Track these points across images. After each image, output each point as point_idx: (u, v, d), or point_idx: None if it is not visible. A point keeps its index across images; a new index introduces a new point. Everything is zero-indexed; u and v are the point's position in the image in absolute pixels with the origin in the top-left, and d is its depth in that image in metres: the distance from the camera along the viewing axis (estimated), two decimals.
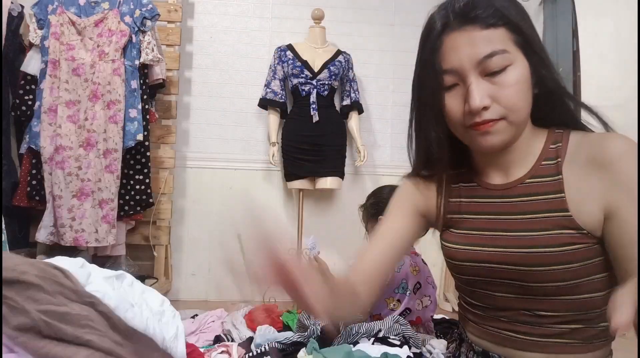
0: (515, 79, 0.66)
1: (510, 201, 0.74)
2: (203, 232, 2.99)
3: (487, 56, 0.65)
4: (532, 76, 0.69)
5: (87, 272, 0.76)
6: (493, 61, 0.65)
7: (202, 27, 3.12)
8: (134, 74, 2.40)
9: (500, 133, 0.68)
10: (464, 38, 0.66)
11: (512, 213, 0.73)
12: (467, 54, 0.66)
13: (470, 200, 0.79)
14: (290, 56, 2.81)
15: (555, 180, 0.70)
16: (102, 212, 2.29)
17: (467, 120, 0.69)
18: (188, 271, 2.99)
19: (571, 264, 0.68)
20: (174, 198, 2.94)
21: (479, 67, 0.66)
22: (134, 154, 2.46)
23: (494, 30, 0.65)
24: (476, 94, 0.66)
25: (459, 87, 0.69)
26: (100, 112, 2.31)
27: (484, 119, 0.67)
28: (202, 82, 3.10)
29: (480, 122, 0.67)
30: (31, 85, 2.38)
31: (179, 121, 3.00)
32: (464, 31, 0.66)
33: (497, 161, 0.76)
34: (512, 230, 0.72)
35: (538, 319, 0.73)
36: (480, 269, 0.76)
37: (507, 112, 0.67)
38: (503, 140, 0.69)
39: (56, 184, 2.25)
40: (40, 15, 2.36)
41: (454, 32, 0.67)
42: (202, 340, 1.69)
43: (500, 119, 0.67)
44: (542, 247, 0.68)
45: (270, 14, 3.16)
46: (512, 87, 0.66)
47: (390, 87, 3.18)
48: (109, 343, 0.59)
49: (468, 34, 0.66)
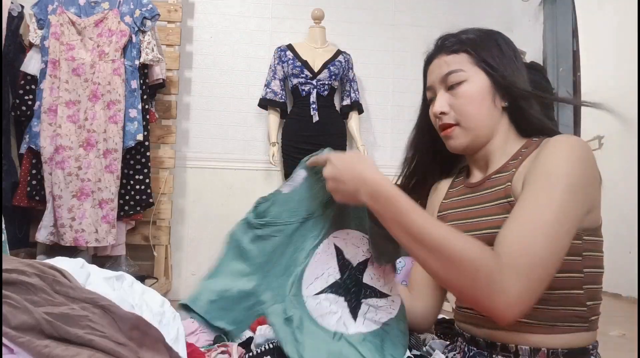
0: (468, 92, 0.82)
1: (478, 194, 0.85)
2: (203, 232, 2.99)
3: (447, 74, 0.83)
4: (495, 90, 0.83)
5: (87, 273, 0.76)
6: (451, 77, 0.83)
7: (202, 27, 3.12)
8: (134, 74, 2.40)
9: (457, 137, 0.84)
10: (436, 63, 0.87)
11: (478, 203, 0.84)
12: (436, 74, 0.86)
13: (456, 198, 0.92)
14: (290, 56, 2.81)
15: (511, 173, 0.79)
16: (102, 212, 2.29)
17: (436, 125, 0.87)
18: (188, 271, 2.99)
19: None
20: (174, 198, 2.94)
21: (443, 83, 0.84)
22: (134, 154, 2.46)
23: (455, 56, 0.84)
24: (437, 101, 0.84)
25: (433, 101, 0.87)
26: (100, 112, 2.31)
27: (442, 122, 0.84)
28: (202, 82, 3.10)
29: (441, 126, 0.85)
30: (31, 85, 2.38)
31: (179, 121, 3.00)
32: (437, 58, 0.87)
33: (479, 163, 0.89)
34: (476, 217, 0.83)
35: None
36: None
37: (460, 119, 0.83)
38: (461, 143, 0.84)
39: (56, 184, 2.25)
40: (40, 15, 2.36)
41: (434, 60, 0.88)
42: (202, 340, 1.68)
43: (455, 125, 0.83)
44: (489, 229, 0.77)
45: (270, 14, 3.16)
46: (466, 98, 0.82)
47: (390, 87, 3.18)
48: (110, 343, 0.59)
49: (438, 59, 0.86)
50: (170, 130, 2.81)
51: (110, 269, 0.84)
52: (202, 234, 2.99)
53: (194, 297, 0.81)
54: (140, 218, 2.61)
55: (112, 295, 0.68)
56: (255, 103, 2.91)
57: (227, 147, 3.08)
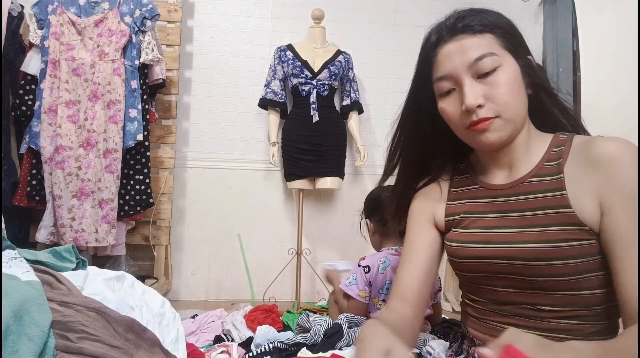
0: (505, 79, 0.72)
1: (511, 200, 0.77)
2: (203, 232, 2.99)
3: (478, 59, 0.71)
4: (523, 77, 0.74)
5: (85, 274, 0.76)
6: (483, 63, 0.71)
7: (202, 27, 3.12)
8: (134, 74, 2.40)
9: (497, 130, 0.73)
10: (456, 47, 0.73)
11: (513, 210, 0.76)
12: (459, 59, 0.73)
13: (472, 201, 0.83)
14: (290, 56, 2.81)
15: (557, 179, 0.72)
16: (102, 212, 2.29)
17: (465, 121, 0.74)
18: (188, 271, 2.99)
19: (571, 259, 0.69)
20: (174, 198, 2.94)
21: (471, 70, 0.72)
22: (134, 154, 2.46)
23: (481, 37, 0.72)
24: (470, 93, 0.71)
25: (455, 92, 0.75)
26: (100, 112, 2.31)
27: (480, 117, 0.72)
28: (202, 82, 3.10)
29: (477, 121, 0.73)
30: (31, 85, 2.38)
31: (179, 121, 3.00)
32: (455, 40, 0.74)
33: (501, 161, 0.79)
34: (513, 226, 0.75)
35: (538, 313, 0.74)
36: (483, 265, 0.78)
37: (501, 110, 0.72)
38: (501, 137, 0.74)
39: (56, 184, 2.25)
40: (40, 15, 2.36)
41: (447, 43, 0.75)
42: (202, 340, 1.69)
43: (495, 117, 0.72)
44: (542, 242, 0.70)
45: (270, 14, 3.16)
46: (504, 86, 0.71)
47: (390, 87, 3.18)
48: (103, 347, 0.58)
49: (459, 42, 0.73)
50: (170, 130, 2.81)
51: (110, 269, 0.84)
52: (202, 234, 2.99)
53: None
54: (140, 218, 2.61)
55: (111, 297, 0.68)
56: (255, 103, 2.91)
57: (227, 147, 3.08)
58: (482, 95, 0.72)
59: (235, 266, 2.98)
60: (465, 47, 0.72)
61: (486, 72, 0.71)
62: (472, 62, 0.71)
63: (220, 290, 2.98)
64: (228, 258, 2.97)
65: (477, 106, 0.72)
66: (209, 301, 2.92)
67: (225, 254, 2.98)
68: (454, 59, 0.73)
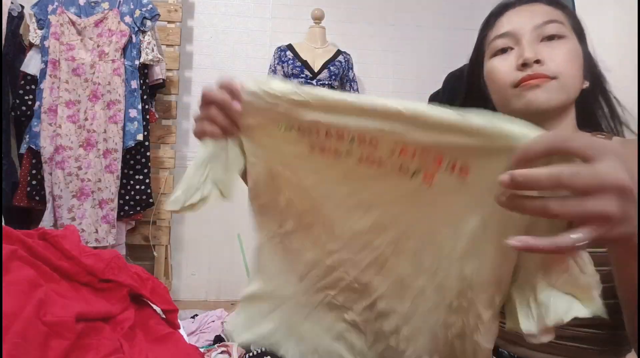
0: (569, 48, 0.68)
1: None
2: (203, 232, 2.99)
3: (546, 22, 0.68)
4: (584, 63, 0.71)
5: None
6: (550, 27, 0.68)
7: (202, 27, 3.11)
8: (134, 74, 2.40)
9: (550, 92, 0.67)
10: (526, 9, 0.71)
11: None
12: (527, 20, 0.69)
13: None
14: (290, 56, 2.81)
15: None
16: (102, 212, 2.29)
17: (516, 76, 0.69)
18: (188, 271, 2.99)
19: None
20: None
21: (535, 32, 0.69)
22: (134, 154, 2.46)
23: (554, 9, 0.71)
24: (530, 48, 0.68)
25: (511, 51, 0.71)
26: (100, 112, 2.31)
27: (536, 72, 0.67)
28: (202, 82, 3.09)
29: (531, 76, 0.67)
30: (31, 85, 2.38)
31: (179, 121, 2.99)
32: (528, 6, 0.71)
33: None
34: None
35: None
36: None
37: (560, 72, 0.67)
38: (550, 100, 0.67)
39: (56, 184, 2.25)
40: (40, 15, 2.36)
41: (517, 8, 0.72)
42: (202, 340, 1.69)
43: (552, 79, 0.67)
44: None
45: (270, 14, 3.16)
46: (566, 54, 0.68)
47: (390, 87, 3.18)
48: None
49: (531, 7, 0.71)
50: (170, 130, 2.81)
51: None
52: (202, 234, 2.99)
53: None
54: (140, 218, 2.61)
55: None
56: None
57: None
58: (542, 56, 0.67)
59: (235, 266, 2.97)
60: (535, 11, 0.70)
61: (551, 35, 0.68)
62: (540, 24, 0.68)
63: (220, 290, 2.98)
64: (228, 258, 2.97)
65: (535, 61, 0.67)
66: (209, 301, 2.92)
67: (225, 254, 2.98)
68: (521, 18, 0.70)
